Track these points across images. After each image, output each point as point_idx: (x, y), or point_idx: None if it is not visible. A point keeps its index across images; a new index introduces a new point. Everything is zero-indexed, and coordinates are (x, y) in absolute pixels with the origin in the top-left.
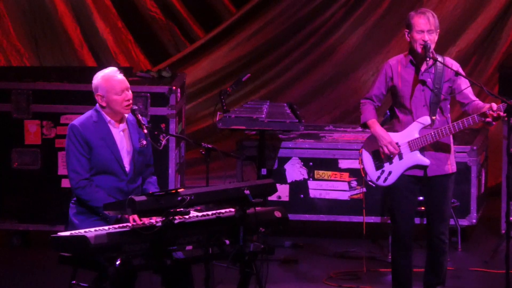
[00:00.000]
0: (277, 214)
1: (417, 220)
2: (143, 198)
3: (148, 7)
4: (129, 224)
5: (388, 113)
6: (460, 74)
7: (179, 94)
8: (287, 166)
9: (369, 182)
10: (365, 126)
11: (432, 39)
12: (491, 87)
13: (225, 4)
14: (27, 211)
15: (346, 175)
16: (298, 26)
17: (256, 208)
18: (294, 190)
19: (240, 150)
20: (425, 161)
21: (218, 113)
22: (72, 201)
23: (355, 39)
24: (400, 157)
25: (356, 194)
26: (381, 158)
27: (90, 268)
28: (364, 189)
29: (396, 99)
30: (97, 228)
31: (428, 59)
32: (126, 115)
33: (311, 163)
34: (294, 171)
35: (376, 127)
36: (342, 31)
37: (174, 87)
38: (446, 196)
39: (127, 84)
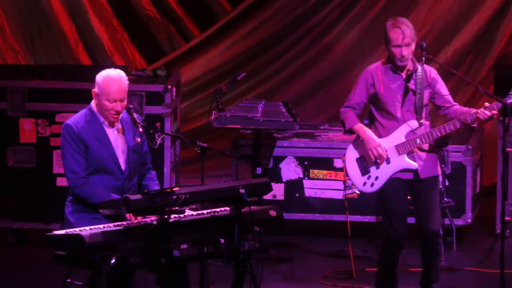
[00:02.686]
0: (272, 213)
1: (411, 220)
2: (138, 197)
3: (144, 6)
4: (124, 223)
5: (366, 122)
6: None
7: (174, 93)
8: (282, 165)
9: (354, 190)
10: (351, 132)
11: (410, 51)
12: (486, 86)
13: (221, 3)
14: (22, 209)
15: (341, 174)
16: (293, 25)
17: (251, 207)
18: (289, 189)
19: (235, 149)
20: (413, 164)
21: (214, 112)
22: (68, 200)
23: (350, 38)
24: (388, 162)
25: (351, 193)
26: (366, 164)
27: (85, 266)
28: None
29: (378, 105)
30: (92, 227)
31: (423, 58)
32: (121, 114)
33: (306, 162)
34: (289, 170)
35: (366, 130)
36: (338, 30)
37: (169, 86)
38: (437, 197)
39: (124, 95)
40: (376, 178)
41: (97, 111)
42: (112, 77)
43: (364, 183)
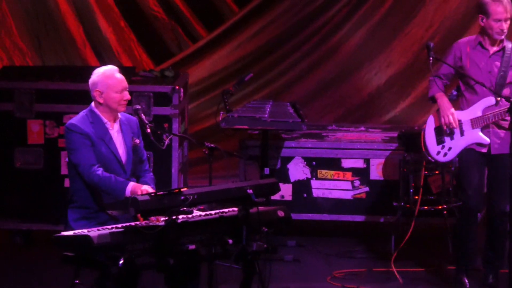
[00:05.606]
0: (280, 213)
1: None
2: (146, 197)
3: (151, 7)
4: (132, 224)
5: (454, 93)
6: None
7: (182, 94)
8: (290, 166)
9: (428, 158)
10: (433, 100)
11: (507, 26)
12: None
13: (228, 3)
14: (30, 211)
15: (349, 175)
16: (301, 25)
17: (259, 207)
18: (297, 189)
19: (243, 150)
20: (485, 139)
21: (221, 112)
22: (71, 206)
23: (358, 38)
24: (462, 134)
25: (359, 193)
26: (442, 134)
27: (93, 267)
28: (367, 189)
29: (464, 79)
30: (100, 228)
31: (431, 58)
32: (120, 116)
33: (314, 163)
34: (297, 170)
35: (444, 99)
36: (345, 30)
37: (177, 87)
38: (508, 174)
39: (126, 84)
40: (450, 148)
41: (99, 112)
42: (110, 70)
43: (438, 152)
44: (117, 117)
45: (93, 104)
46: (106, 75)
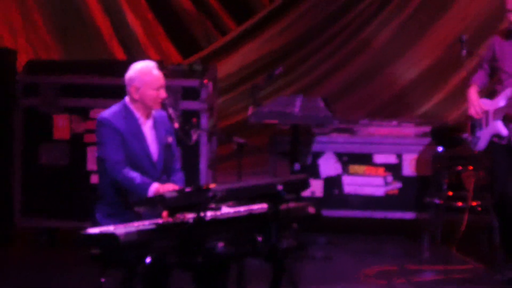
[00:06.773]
0: (311, 210)
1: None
2: (173, 194)
3: None
4: (160, 221)
5: None
6: None
7: (210, 88)
8: (321, 161)
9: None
10: None
11: None
12: None
13: None
14: (56, 207)
15: (381, 170)
16: (331, 20)
17: (289, 204)
18: (328, 185)
19: (272, 145)
20: (503, 131)
21: (250, 107)
22: (99, 202)
23: (389, 32)
24: (487, 124)
25: (392, 189)
26: (475, 124)
27: (120, 265)
28: (400, 185)
29: (493, 69)
30: (126, 225)
31: (464, 51)
32: (153, 112)
33: (345, 158)
34: (328, 166)
35: (470, 90)
36: (375, 25)
37: (205, 81)
38: None
39: (164, 82)
40: (478, 138)
41: (133, 108)
42: (149, 67)
43: (471, 141)
44: (150, 114)
45: (127, 99)
46: (144, 72)
